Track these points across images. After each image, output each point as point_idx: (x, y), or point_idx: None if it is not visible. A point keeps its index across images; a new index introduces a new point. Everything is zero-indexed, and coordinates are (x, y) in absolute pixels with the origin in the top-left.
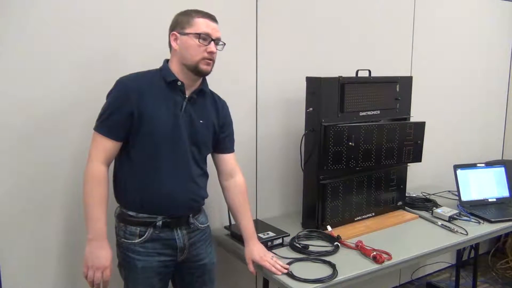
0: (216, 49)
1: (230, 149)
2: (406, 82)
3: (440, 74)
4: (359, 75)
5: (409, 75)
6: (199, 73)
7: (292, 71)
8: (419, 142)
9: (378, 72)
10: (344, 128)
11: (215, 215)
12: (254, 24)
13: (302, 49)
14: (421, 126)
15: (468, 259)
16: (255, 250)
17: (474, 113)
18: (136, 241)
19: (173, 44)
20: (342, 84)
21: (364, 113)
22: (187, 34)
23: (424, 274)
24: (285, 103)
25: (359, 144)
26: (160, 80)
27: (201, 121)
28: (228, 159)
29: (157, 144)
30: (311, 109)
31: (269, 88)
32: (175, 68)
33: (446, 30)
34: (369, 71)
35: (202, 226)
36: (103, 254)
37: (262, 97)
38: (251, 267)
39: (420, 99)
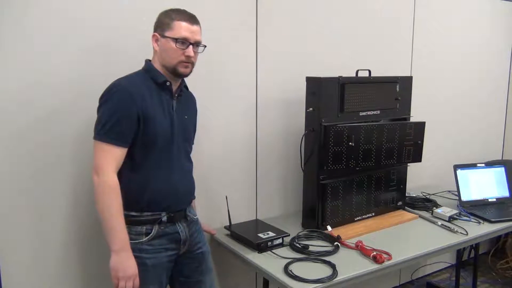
0: (196, 51)
1: (192, 141)
2: (406, 82)
3: (440, 74)
4: (359, 75)
5: (409, 75)
6: (178, 75)
7: (292, 71)
8: (419, 142)
9: (378, 72)
10: (344, 128)
11: (215, 215)
12: (254, 24)
13: (302, 49)
14: (421, 126)
15: (468, 259)
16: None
17: (474, 113)
18: (143, 240)
19: (154, 45)
20: (342, 84)
21: (364, 113)
22: (166, 37)
23: (424, 274)
24: (285, 103)
25: (359, 144)
26: (150, 81)
27: (186, 117)
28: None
29: (158, 144)
30: (311, 109)
31: (269, 88)
32: (158, 68)
33: (446, 30)
34: (369, 71)
35: (195, 217)
36: (132, 263)
37: (262, 97)
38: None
39: (420, 99)
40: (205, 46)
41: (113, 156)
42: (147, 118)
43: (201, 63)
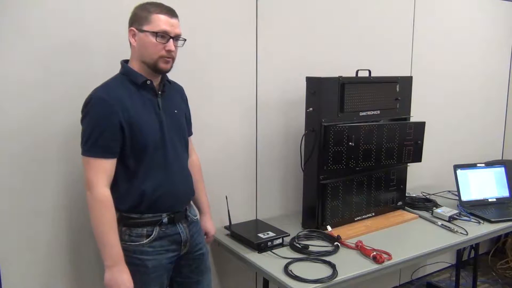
0: (176, 45)
1: (190, 132)
2: (406, 82)
3: (440, 74)
4: (359, 75)
5: (409, 75)
6: (158, 71)
7: (292, 71)
8: (419, 142)
9: (378, 72)
10: (344, 128)
11: (215, 215)
12: (254, 24)
13: (302, 49)
14: (421, 126)
15: (468, 259)
16: (210, 225)
17: (474, 113)
18: (144, 241)
19: (131, 40)
20: (342, 84)
21: (364, 113)
22: (145, 31)
23: (424, 274)
24: (285, 103)
25: (359, 144)
26: (129, 84)
27: (175, 111)
28: (188, 141)
29: (149, 149)
30: (311, 109)
31: (269, 88)
32: (137, 66)
33: (446, 30)
34: (369, 71)
35: (195, 217)
36: (126, 277)
37: (262, 97)
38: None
39: (420, 99)
40: (185, 40)
41: (102, 170)
42: (132, 126)
43: (201, 63)
